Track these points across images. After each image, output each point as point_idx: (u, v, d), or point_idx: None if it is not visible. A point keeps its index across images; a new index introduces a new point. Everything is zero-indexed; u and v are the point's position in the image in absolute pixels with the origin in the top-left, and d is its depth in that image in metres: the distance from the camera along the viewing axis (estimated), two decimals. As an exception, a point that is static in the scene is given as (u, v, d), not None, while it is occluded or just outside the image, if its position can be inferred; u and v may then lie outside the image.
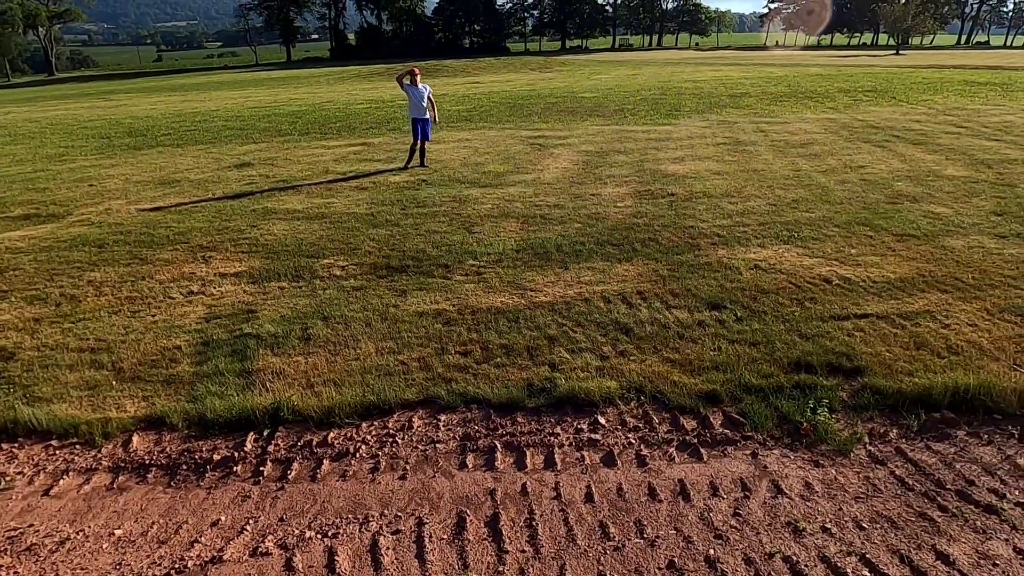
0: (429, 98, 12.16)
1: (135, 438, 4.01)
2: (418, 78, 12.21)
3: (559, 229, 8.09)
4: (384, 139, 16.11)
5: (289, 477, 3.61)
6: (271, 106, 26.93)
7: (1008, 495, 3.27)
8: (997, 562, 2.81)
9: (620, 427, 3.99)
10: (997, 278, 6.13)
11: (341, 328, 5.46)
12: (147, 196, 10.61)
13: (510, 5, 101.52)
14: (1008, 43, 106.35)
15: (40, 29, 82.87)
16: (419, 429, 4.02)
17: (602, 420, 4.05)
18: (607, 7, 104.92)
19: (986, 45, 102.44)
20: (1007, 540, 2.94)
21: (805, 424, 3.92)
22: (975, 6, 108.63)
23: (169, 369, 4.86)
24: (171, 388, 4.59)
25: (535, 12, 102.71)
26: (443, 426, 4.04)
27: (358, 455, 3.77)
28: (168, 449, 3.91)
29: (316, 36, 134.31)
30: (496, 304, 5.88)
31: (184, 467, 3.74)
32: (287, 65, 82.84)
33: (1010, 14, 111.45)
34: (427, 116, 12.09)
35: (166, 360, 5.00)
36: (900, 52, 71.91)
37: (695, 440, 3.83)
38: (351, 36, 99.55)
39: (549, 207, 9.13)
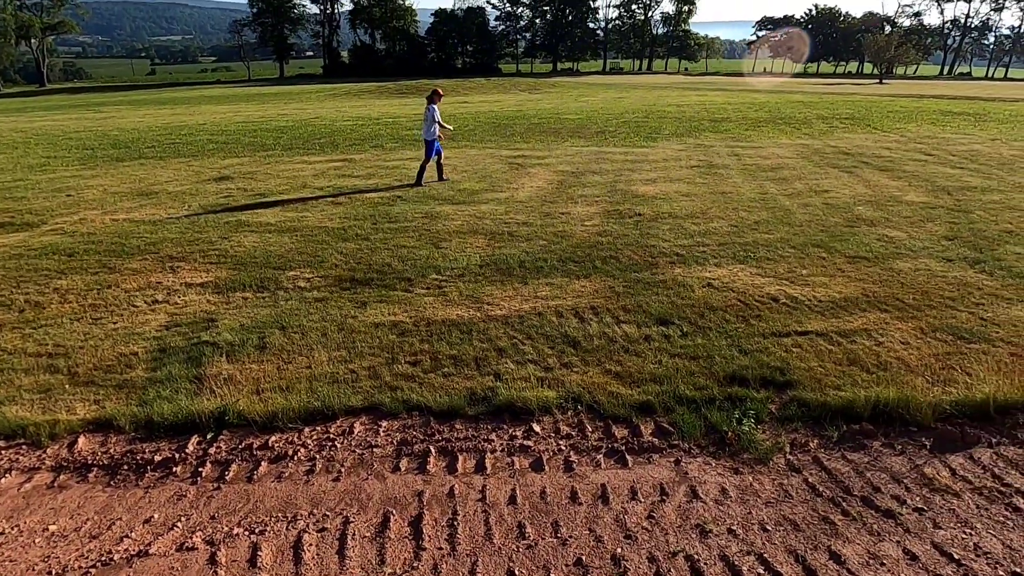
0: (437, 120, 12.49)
1: (81, 439, 4.12)
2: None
3: (524, 246, 8.28)
4: (366, 155, 16.33)
5: (226, 478, 3.72)
6: (258, 121, 27.14)
7: (908, 501, 3.44)
8: (885, 562, 2.97)
9: (553, 434, 4.14)
10: (937, 299, 6.36)
11: (297, 337, 5.59)
12: (123, 207, 10.72)
13: (503, 27, 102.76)
14: (990, 75, 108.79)
15: (33, 40, 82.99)
16: (359, 434, 4.15)
17: (537, 428, 4.20)
18: (598, 31, 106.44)
19: (968, 76, 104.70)
20: (899, 542, 3.11)
21: (730, 433, 4.09)
22: (957, 38, 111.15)
23: (123, 374, 4.97)
24: (123, 392, 4.70)
25: (527, 35, 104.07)
26: (383, 432, 4.17)
27: (296, 458, 3.89)
28: (112, 450, 4.01)
29: (311, 53, 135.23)
30: (452, 317, 6.03)
31: (125, 467, 3.84)
32: (280, 81, 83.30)
33: (991, 46, 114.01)
34: (435, 136, 12.37)
35: (121, 366, 5.11)
36: (883, 81, 73.37)
37: (623, 448, 3.98)
38: (345, 54, 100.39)
39: (518, 224, 9.32)
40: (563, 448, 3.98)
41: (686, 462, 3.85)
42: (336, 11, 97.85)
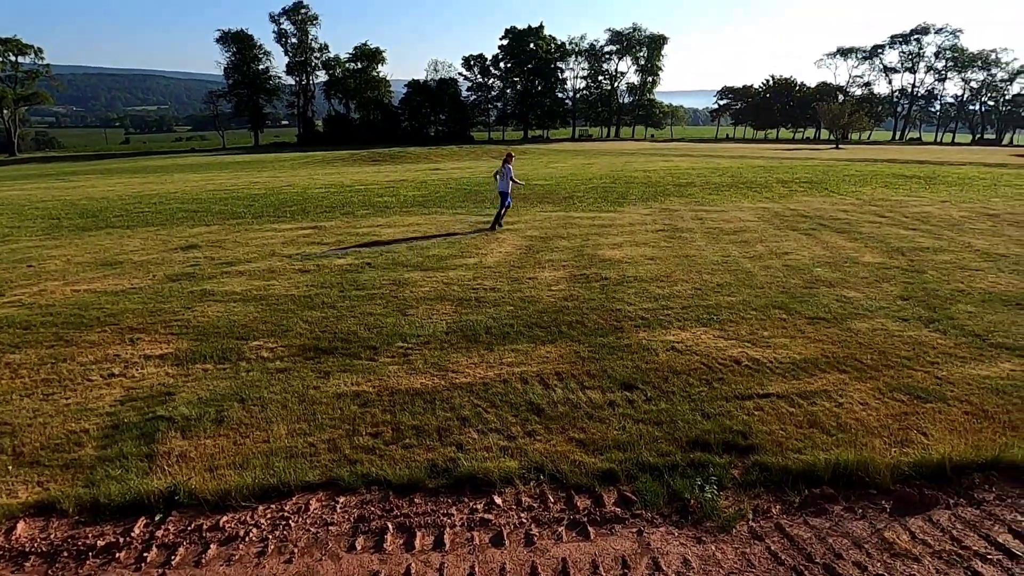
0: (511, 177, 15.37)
1: (20, 525, 3.93)
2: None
3: (491, 312, 8.31)
4: (336, 223, 16.43)
5: (173, 563, 3.56)
6: (231, 189, 27.27)
7: (870, 568, 3.41)
8: (846, 633, 2.92)
9: (515, 507, 4.06)
10: (894, 359, 6.50)
11: (257, 410, 5.48)
12: (86, 277, 10.57)
13: (474, 97, 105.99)
14: (938, 139, 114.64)
15: (5, 111, 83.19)
16: (315, 511, 4.02)
17: (498, 500, 4.12)
18: (567, 100, 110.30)
19: (918, 141, 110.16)
20: (860, 611, 3.07)
21: (693, 501, 4.05)
22: (906, 106, 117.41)
23: (72, 453, 4.79)
24: (69, 473, 4.52)
25: (498, 104, 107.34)
26: (340, 508, 4.05)
27: (247, 539, 3.75)
28: (53, 536, 3.83)
29: (285, 122, 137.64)
30: (416, 386, 5.98)
31: (65, 554, 3.66)
32: (254, 149, 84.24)
33: (938, 114, 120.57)
34: (508, 188, 15.20)
35: (70, 444, 4.93)
36: (839, 146, 76.77)
37: (585, 519, 3.92)
38: (319, 123, 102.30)
39: (485, 290, 9.38)
40: (524, 521, 3.90)
41: (648, 532, 3.80)
42: (311, 82, 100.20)
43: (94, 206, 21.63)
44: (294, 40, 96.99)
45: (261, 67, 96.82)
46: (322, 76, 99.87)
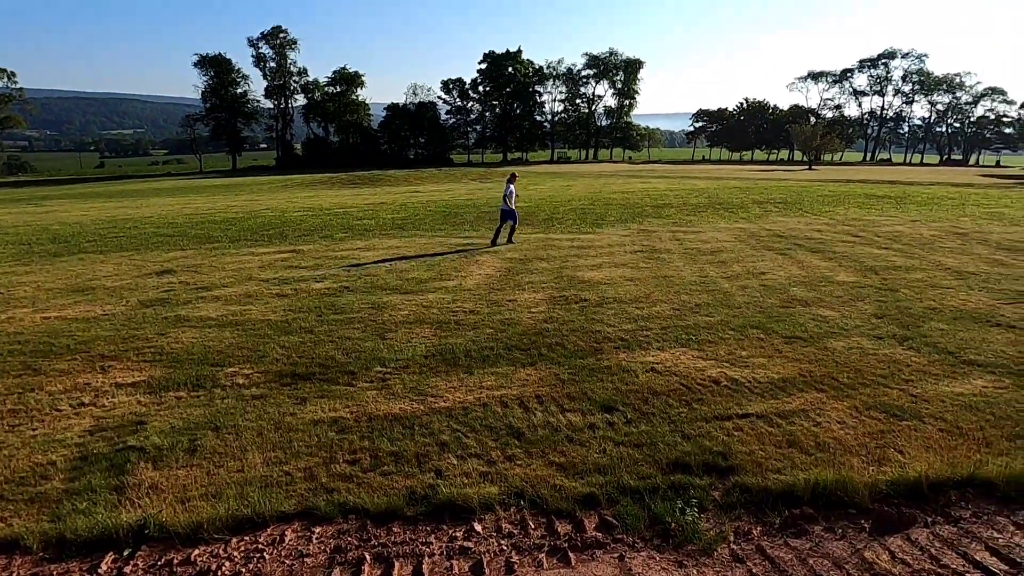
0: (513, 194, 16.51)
1: (-19, 563, 3.78)
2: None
3: (471, 335, 8.27)
4: (315, 246, 16.33)
5: (141, 600, 3.45)
6: (207, 213, 27.03)
7: (850, 589, 3.41)
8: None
9: (495, 533, 4.00)
10: (870, 377, 6.57)
11: (231, 438, 5.37)
12: (56, 304, 10.35)
13: (454, 120, 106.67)
14: (907, 160, 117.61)
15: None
16: (290, 543, 3.93)
17: (478, 527, 4.06)
18: (545, 123, 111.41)
19: (888, 162, 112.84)
20: (842, 634, 3.05)
21: (674, 524, 4.03)
22: (875, 128, 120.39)
23: (37, 487, 4.64)
24: (35, 507, 4.37)
25: (478, 127, 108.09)
26: (316, 538, 3.97)
27: (220, 572, 3.65)
28: (16, 574, 3.69)
29: (264, 145, 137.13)
30: (395, 411, 5.91)
31: (28, 593, 3.53)
32: (232, 173, 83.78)
33: (906, 135, 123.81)
34: (513, 207, 16.31)
35: (36, 477, 4.78)
36: (813, 167, 78.36)
37: (566, 545, 3.87)
38: (298, 146, 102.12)
39: (465, 313, 9.35)
40: (504, 548, 3.85)
41: (630, 557, 3.76)
42: (290, 106, 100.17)
43: (66, 231, 21.29)
44: (273, 64, 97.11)
45: (239, 91, 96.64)
46: (301, 100, 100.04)
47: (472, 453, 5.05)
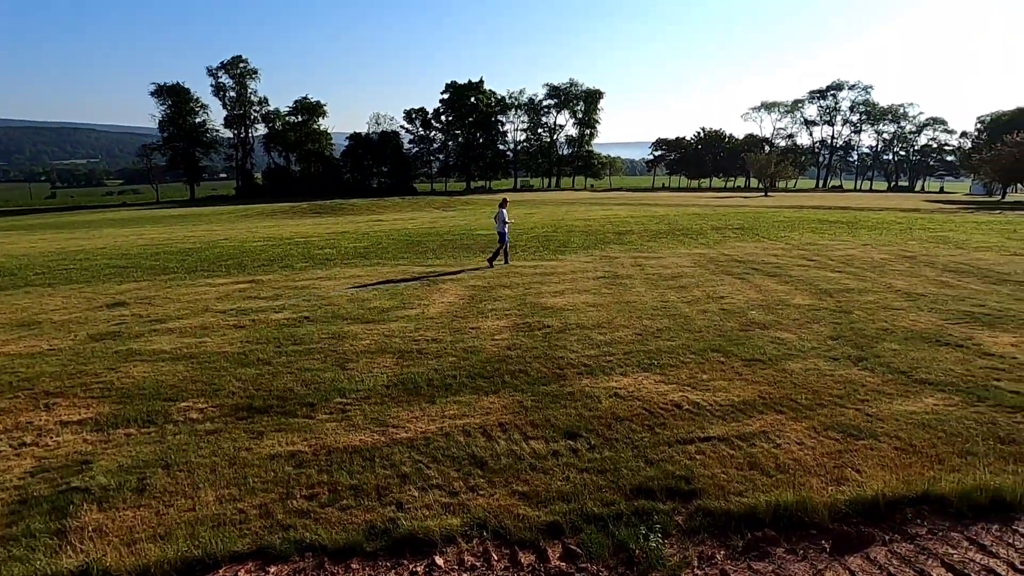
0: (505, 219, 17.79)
1: (-95, 618, 3.53)
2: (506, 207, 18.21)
3: (433, 363, 8.18)
4: (275, 276, 16.05)
5: (81, 651, 3.25)
6: (163, 243, 26.42)
7: (812, 610, 3.41)
8: None
9: (457, 567, 3.91)
10: (827, 397, 6.69)
11: (183, 476, 5.17)
12: (-1, 339, 9.92)
13: (417, 149, 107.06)
14: (857, 187, 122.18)
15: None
16: (243, 584, 3.77)
17: (439, 560, 3.96)
18: (508, 152, 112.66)
19: (840, 188, 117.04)
20: (805, 657, 3.04)
21: (638, 551, 3.99)
22: (827, 156, 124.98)
23: (-29, 533, 4.38)
24: (-33, 555, 4.12)
25: (441, 156, 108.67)
26: (270, 579, 3.81)
27: (167, 619, 3.47)
28: (-57, 629, 3.45)
29: (224, 175, 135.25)
30: (355, 443, 5.78)
31: (-43, 649, 3.30)
32: (190, 203, 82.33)
33: (855, 163, 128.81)
34: (505, 229, 17.61)
35: (-30, 523, 4.51)
36: (768, 194, 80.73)
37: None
38: (258, 176, 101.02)
39: (427, 341, 9.26)
40: (467, 582, 3.76)
41: (594, 586, 3.71)
42: (250, 135, 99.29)
43: (12, 263, 20.54)
44: (232, 93, 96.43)
45: (198, 120, 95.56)
46: (262, 129, 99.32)
47: (434, 484, 4.96)
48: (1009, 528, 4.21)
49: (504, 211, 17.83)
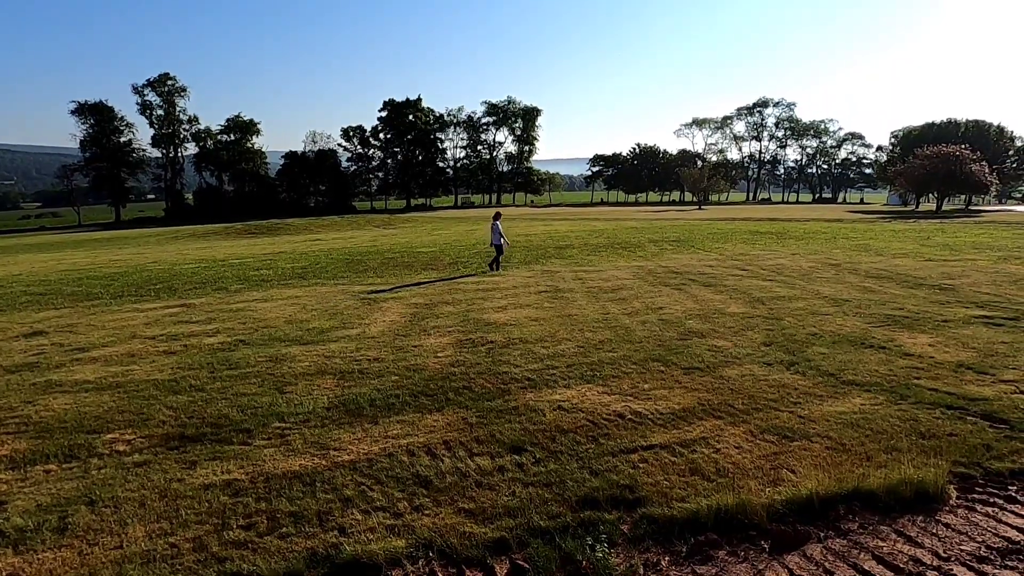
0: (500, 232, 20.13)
1: None
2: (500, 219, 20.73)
3: (375, 383, 8.04)
4: (207, 299, 15.49)
5: None
6: (86, 268, 25.15)
7: (754, 610, 3.49)
8: None
9: (403, 590, 3.82)
10: (762, 402, 6.90)
11: (108, 512, 4.89)
12: (-99, 375, 9.19)
13: (355, 167, 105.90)
14: (785, 199, 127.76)
15: None
16: (176, 622, 3.58)
17: (384, 585, 3.87)
18: (448, 169, 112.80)
19: (768, 201, 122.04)
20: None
21: (585, 563, 4.00)
22: (755, 170, 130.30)
23: None
24: None
25: (380, 174, 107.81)
26: (205, 615, 3.64)
27: (91, 666, 3.26)
28: None
29: (152, 196, 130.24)
30: (294, 468, 5.60)
31: None
32: (116, 225, 78.87)
33: (783, 176, 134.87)
34: (500, 241, 20.02)
35: None
36: (702, 207, 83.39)
37: (477, 594, 3.75)
38: (189, 196, 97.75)
39: (369, 361, 9.10)
40: (413, 604, 3.68)
41: (542, 601, 3.69)
42: (180, 155, 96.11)
43: (-83, 293, 19.12)
44: (160, 112, 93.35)
45: (123, 139, 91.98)
46: (192, 148, 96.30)
47: (378, 506, 4.85)
48: (932, 519, 4.43)
49: (498, 223, 20.19)
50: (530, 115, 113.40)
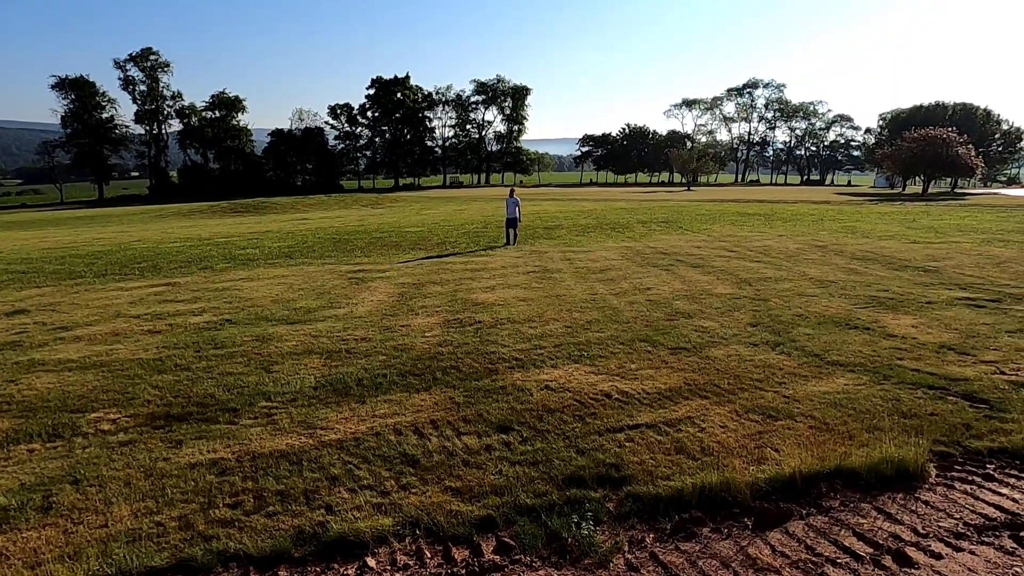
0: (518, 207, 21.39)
1: None
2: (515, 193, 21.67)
3: (363, 363, 8.02)
4: (193, 278, 15.35)
5: None
6: (69, 247, 24.82)
7: (737, 586, 3.54)
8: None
9: (390, 567, 3.85)
10: (747, 382, 6.96)
11: (94, 491, 4.86)
12: None
13: (342, 146, 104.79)
14: (773, 180, 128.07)
15: None
16: (162, 600, 3.59)
17: (371, 562, 3.89)
18: (436, 148, 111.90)
19: (757, 183, 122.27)
20: (731, 631, 3.15)
21: (571, 540, 4.04)
22: (745, 152, 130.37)
23: None
24: None
25: (368, 153, 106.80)
26: (191, 593, 3.64)
27: (77, 643, 3.26)
28: None
29: (136, 173, 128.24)
30: (281, 447, 5.59)
31: None
32: (99, 203, 77.77)
33: (771, 158, 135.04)
34: (516, 215, 21.12)
35: None
36: (691, 188, 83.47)
37: (463, 571, 3.79)
38: (174, 174, 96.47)
39: (356, 341, 9.07)
40: (400, 581, 3.70)
41: (528, 577, 3.73)
42: (164, 131, 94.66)
43: None
44: (143, 87, 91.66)
45: (105, 115, 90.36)
46: (176, 125, 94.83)
47: (365, 485, 4.86)
48: (912, 496, 4.51)
49: (517, 199, 21.33)
50: (519, 94, 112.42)
